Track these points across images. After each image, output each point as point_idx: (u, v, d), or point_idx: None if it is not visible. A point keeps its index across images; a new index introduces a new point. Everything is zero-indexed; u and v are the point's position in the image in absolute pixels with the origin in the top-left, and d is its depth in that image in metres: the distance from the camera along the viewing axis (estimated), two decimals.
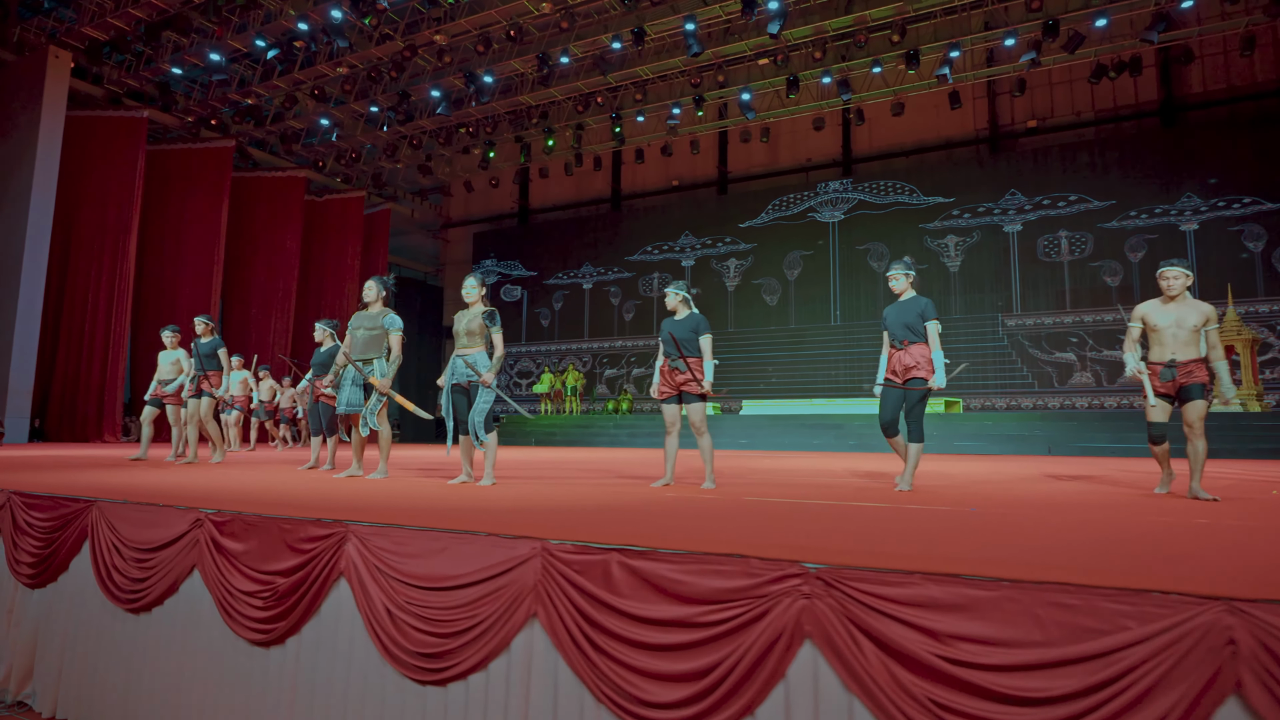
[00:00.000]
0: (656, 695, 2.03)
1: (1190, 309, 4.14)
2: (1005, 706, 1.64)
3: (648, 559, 2.15)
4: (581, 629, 2.18)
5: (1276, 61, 14.81)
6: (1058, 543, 2.40)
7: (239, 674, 2.90)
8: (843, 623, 1.85)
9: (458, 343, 4.80)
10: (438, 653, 2.41)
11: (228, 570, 2.97)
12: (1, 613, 3.76)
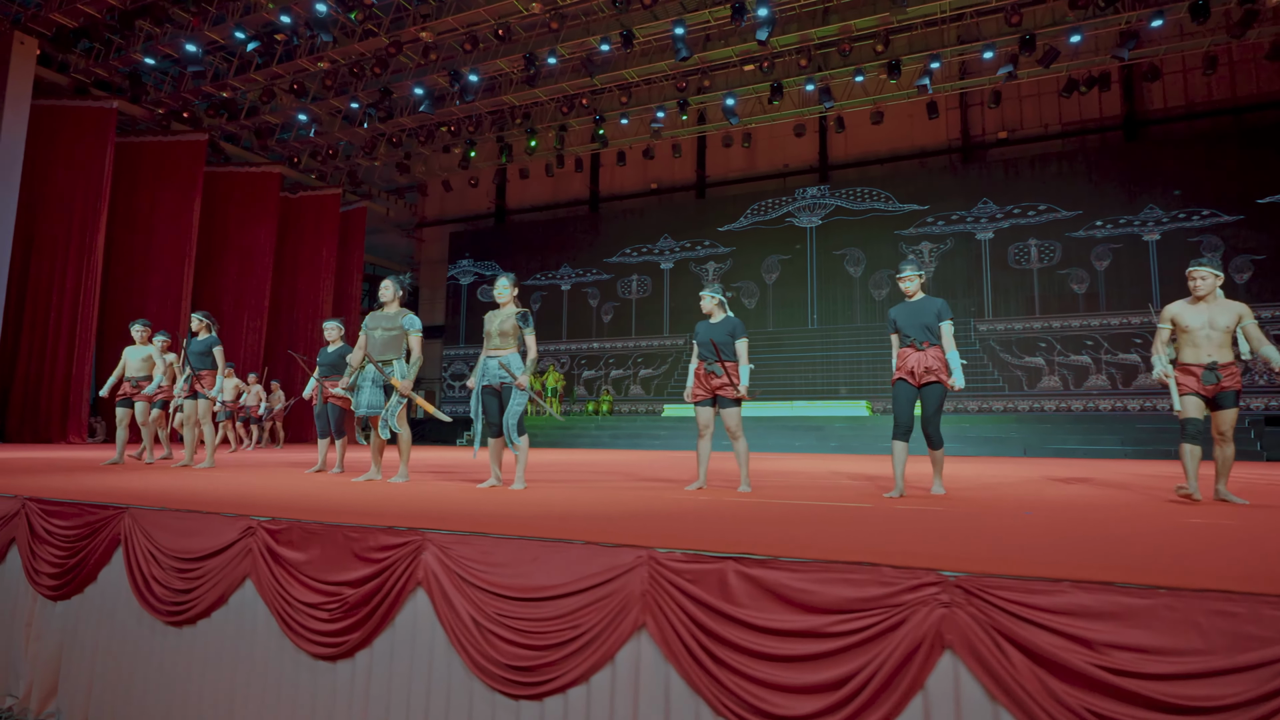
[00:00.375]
0: (786, 708, 1.97)
1: (1222, 309, 4.06)
2: (1171, 715, 1.62)
3: (769, 568, 2.08)
4: (698, 640, 2.10)
5: (1231, 81, 15.42)
6: (1158, 547, 2.41)
7: (300, 689, 2.74)
8: (988, 632, 1.81)
9: (489, 343, 4.67)
10: (533, 666, 2.31)
11: (286, 581, 2.81)
12: (19, 626, 3.52)
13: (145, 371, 6.81)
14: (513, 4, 12.83)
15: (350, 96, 15.81)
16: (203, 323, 6.67)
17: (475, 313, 22.14)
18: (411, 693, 2.53)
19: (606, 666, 2.24)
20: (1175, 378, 4.12)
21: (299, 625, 2.73)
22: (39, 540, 3.51)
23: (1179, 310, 4.20)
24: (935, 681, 1.87)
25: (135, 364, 6.80)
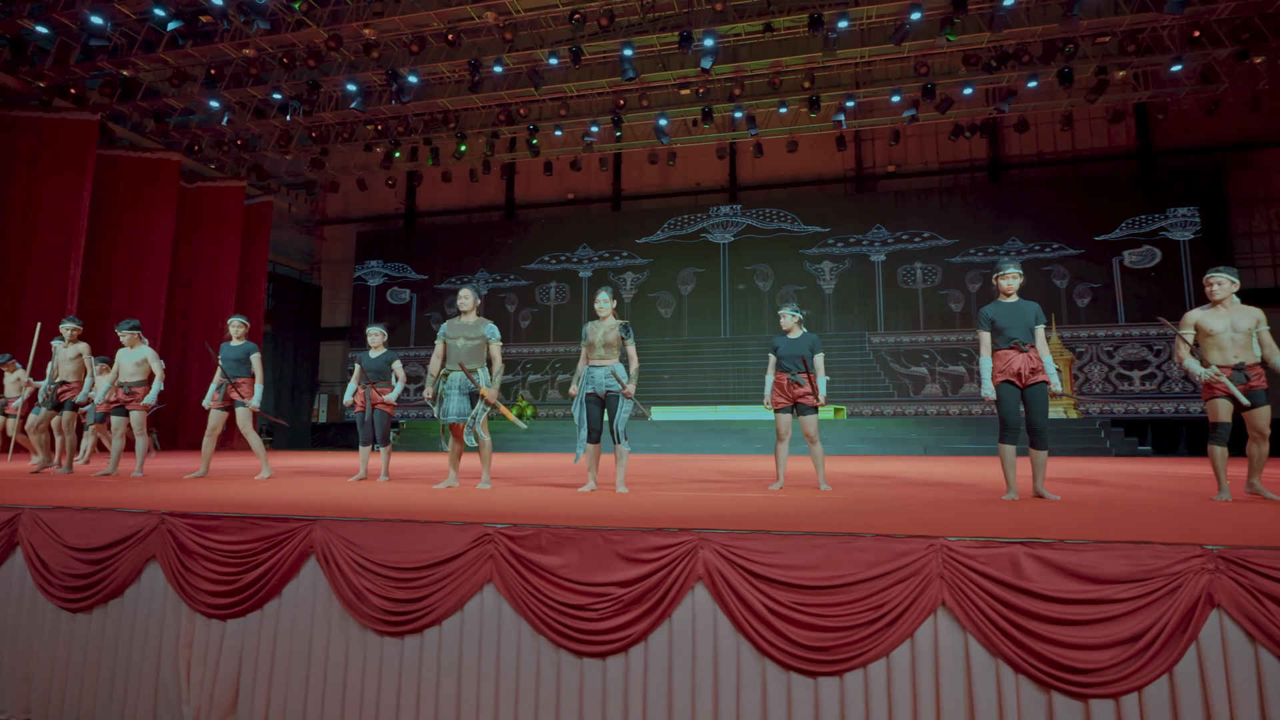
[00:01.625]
0: (1084, 661, 2.38)
1: (1241, 313, 4.15)
2: None
3: (1054, 549, 2.49)
4: (998, 611, 2.46)
5: (1073, 136, 17.93)
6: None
7: (565, 688, 2.81)
8: (1252, 594, 2.31)
9: (593, 354, 4.76)
10: (832, 646, 2.57)
11: (540, 584, 2.85)
12: (172, 648, 3.23)
13: (140, 376, 6.14)
14: (466, 10, 12.58)
15: (272, 86, 14.72)
16: (244, 326, 6.17)
17: (386, 314, 21.17)
18: (697, 680, 2.69)
19: (906, 642, 2.54)
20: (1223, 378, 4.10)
21: (564, 627, 2.80)
22: (193, 556, 3.25)
23: (1201, 316, 4.26)
24: (1206, 632, 2.35)
25: (128, 368, 6.12)
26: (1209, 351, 4.23)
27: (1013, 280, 4.52)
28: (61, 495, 4.17)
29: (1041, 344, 4.38)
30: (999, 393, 4.39)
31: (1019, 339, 4.35)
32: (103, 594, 3.36)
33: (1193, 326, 4.28)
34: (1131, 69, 14.29)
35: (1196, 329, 4.27)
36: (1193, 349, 4.30)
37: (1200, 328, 4.25)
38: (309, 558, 3.16)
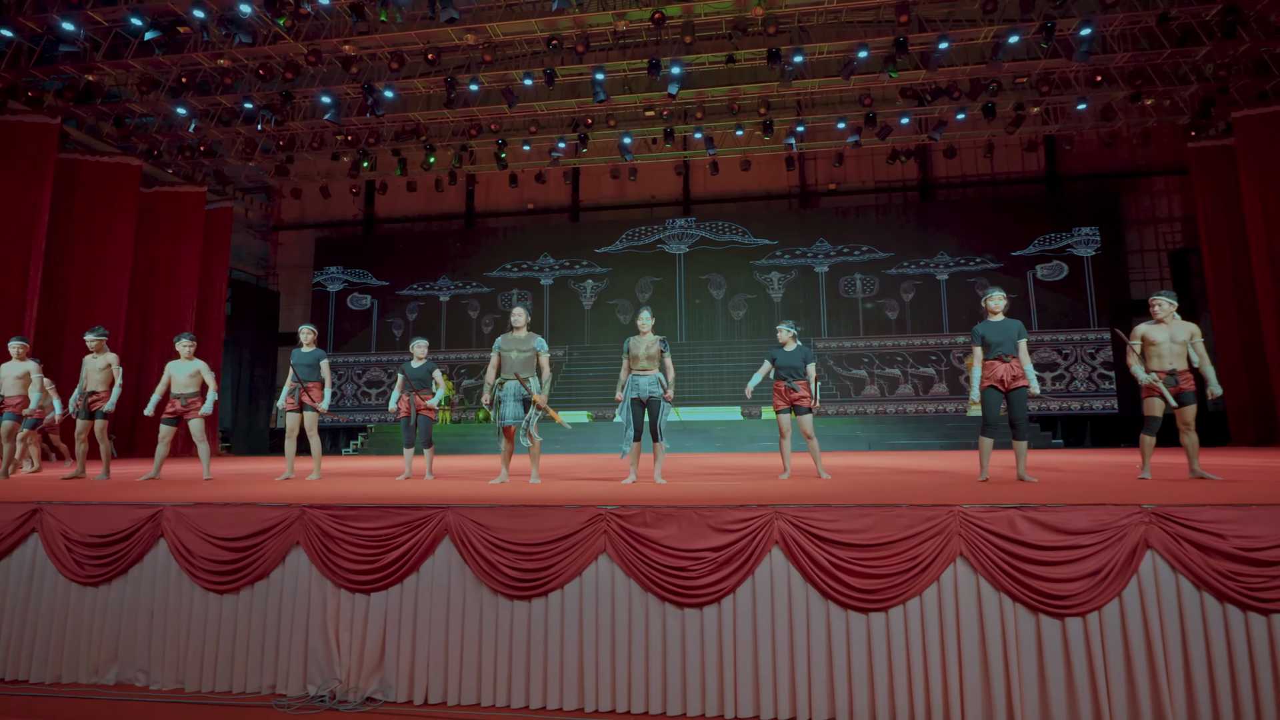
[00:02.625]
0: (1060, 589, 3.27)
1: (1180, 327, 4.86)
2: (1247, 566, 3.15)
3: (1040, 511, 3.38)
4: (1000, 558, 3.33)
5: (992, 161, 19.65)
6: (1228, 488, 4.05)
7: (670, 635, 3.52)
8: (1174, 539, 3.26)
9: (636, 365, 5.47)
10: (878, 589, 3.39)
11: (650, 549, 3.56)
12: (321, 620, 3.76)
13: (193, 388, 6.45)
14: (447, 32, 13.01)
15: (243, 95, 14.71)
16: (313, 334, 6.56)
17: (345, 322, 21.14)
18: (776, 621, 3.46)
19: (933, 585, 3.38)
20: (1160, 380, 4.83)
21: (668, 583, 3.52)
22: (335, 541, 3.80)
23: (1147, 329, 4.98)
24: (1144, 566, 3.27)
25: (182, 380, 6.42)
26: (1150, 359, 5.01)
27: (999, 302, 5.29)
28: (196, 493, 4.59)
29: (1023, 354, 5.14)
30: (984, 396, 5.15)
31: (1005, 352, 5.11)
32: (250, 577, 3.86)
33: (1140, 338, 5.05)
34: (1044, 105, 15.94)
35: (1143, 340, 5.03)
36: (1139, 356, 5.04)
37: (1146, 339, 5.02)
38: (444, 539, 3.77)
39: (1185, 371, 4.93)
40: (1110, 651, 3.21)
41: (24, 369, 7.01)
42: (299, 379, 6.46)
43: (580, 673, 3.54)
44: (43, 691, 3.95)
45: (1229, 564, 3.19)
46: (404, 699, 3.67)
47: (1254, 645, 3.15)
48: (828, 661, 3.39)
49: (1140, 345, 5.05)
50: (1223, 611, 3.20)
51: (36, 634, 4.03)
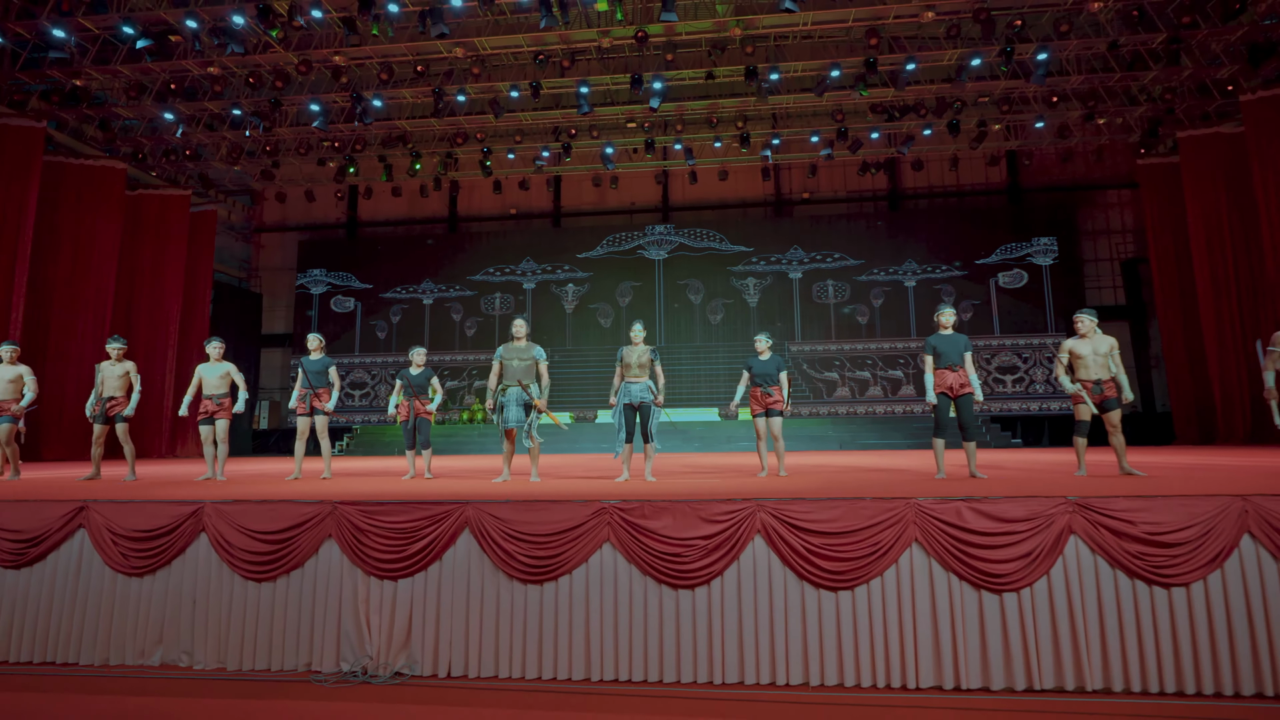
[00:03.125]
0: (998, 569, 3.83)
1: (1101, 340, 5.48)
2: (1150, 547, 3.74)
3: (983, 502, 3.93)
4: (950, 542, 3.88)
5: (958, 174, 20.48)
6: (1148, 483, 4.64)
7: (665, 612, 4.01)
8: (1093, 525, 3.83)
9: (629, 373, 5.95)
10: (846, 571, 3.92)
11: (648, 539, 4.05)
12: (352, 604, 4.18)
13: (224, 389, 6.76)
14: (436, 46, 13.36)
15: (231, 102, 14.90)
16: (320, 343, 6.91)
17: (328, 324, 21.31)
18: (758, 599, 3.97)
19: (892, 566, 3.92)
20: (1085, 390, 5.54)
21: (666, 567, 4.01)
22: (365, 533, 4.23)
23: (1073, 344, 5.64)
24: (1068, 549, 3.84)
25: (213, 381, 6.74)
26: (1078, 370, 5.67)
27: (948, 317, 5.90)
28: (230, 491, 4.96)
29: (969, 366, 5.76)
30: (938, 402, 5.77)
31: (952, 362, 5.75)
32: (286, 567, 4.27)
33: (1067, 351, 5.74)
34: (1005, 123, 16.75)
35: (1069, 353, 5.72)
36: (1066, 368, 5.75)
37: (1072, 353, 5.70)
38: (464, 531, 4.21)
39: (1109, 381, 5.57)
40: (1040, 621, 3.78)
41: (16, 373, 7.22)
42: (310, 384, 6.82)
43: (586, 647, 4.02)
44: (92, 673, 4.31)
45: (1138, 546, 3.78)
46: (429, 673, 4.11)
47: (1156, 615, 3.73)
48: (802, 634, 3.91)
49: (1067, 358, 5.70)
50: (1132, 587, 3.78)
51: (85, 620, 4.39)
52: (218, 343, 6.92)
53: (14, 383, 6.97)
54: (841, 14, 12.81)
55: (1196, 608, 3.70)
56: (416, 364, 7.13)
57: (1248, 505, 3.76)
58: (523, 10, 12.90)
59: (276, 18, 12.06)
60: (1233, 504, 3.77)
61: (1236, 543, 3.73)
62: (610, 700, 3.74)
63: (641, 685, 3.95)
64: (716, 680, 3.92)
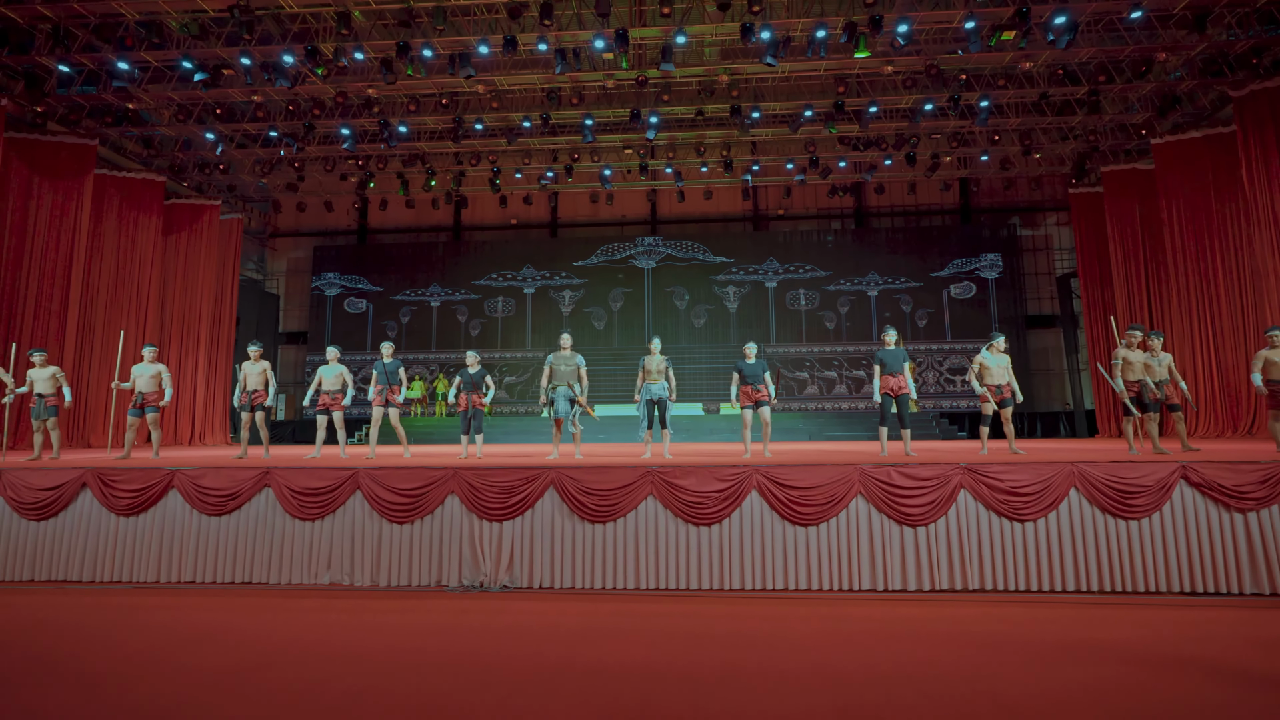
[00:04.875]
0: (912, 510, 5.67)
1: (1004, 355, 7.67)
2: (1015, 497, 5.62)
3: (904, 465, 5.77)
4: (883, 494, 5.71)
5: (915, 196, 22.54)
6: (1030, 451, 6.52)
7: (689, 543, 5.77)
8: (976, 481, 5.69)
9: (649, 377, 7.70)
10: (813, 513, 5.72)
11: (679, 492, 5.81)
12: (469, 539, 5.88)
13: (339, 385, 8.30)
14: (461, 83, 14.93)
15: (269, 124, 16.29)
16: (392, 348, 8.50)
17: (341, 323, 22.69)
18: (754, 533, 5.75)
19: (844, 510, 5.73)
20: (989, 392, 7.66)
21: (693, 510, 5.77)
22: (478, 490, 5.93)
23: (984, 358, 7.75)
24: (961, 498, 5.69)
25: (331, 379, 8.27)
26: (985, 377, 7.73)
27: (891, 337, 7.85)
28: (377, 463, 6.60)
29: (907, 374, 7.73)
30: (882, 400, 7.72)
31: (894, 370, 7.68)
32: (420, 513, 5.95)
33: (978, 363, 7.81)
34: (955, 155, 18.80)
35: (980, 365, 7.80)
36: (977, 375, 7.80)
37: (983, 364, 7.79)
38: (549, 488, 5.93)
39: (1007, 385, 7.60)
40: (938, 545, 5.63)
41: (156, 370, 8.69)
42: (385, 381, 8.43)
43: (636, 566, 5.77)
44: (279, 589, 5.95)
45: (1004, 496, 5.65)
46: (525, 585, 5.83)
47: (1015, 542, 5.60)
48: (784, 554, 5.71)
49: (978, 368, 7.78)
50: (1001, 523, 5.65)
51: (270, 552, 6.02)
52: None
53: (154, 378, 8.41)
54: (814, 65, 14.68)
55: (1040, 536, 5.59)
56: (472, 364, 8.74)
57: (1074, 469, 5.65)
58: (539, 53, 14.52)
59: (322, 58, 13.56)
60: (1065, 469, 5.66)
61: (1066, 493, 5.62)
62: (652, 599, 5.50)
63: (674, 591, 5.72)
64: (725, 587, 5.71)
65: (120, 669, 3.88)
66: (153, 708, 3.30)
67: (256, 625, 4.80)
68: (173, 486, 6.07)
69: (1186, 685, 3.43)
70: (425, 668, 3.89)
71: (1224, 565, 5.45)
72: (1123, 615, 4.90)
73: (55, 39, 12.66)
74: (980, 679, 3.59)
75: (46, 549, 5.99)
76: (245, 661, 4.00)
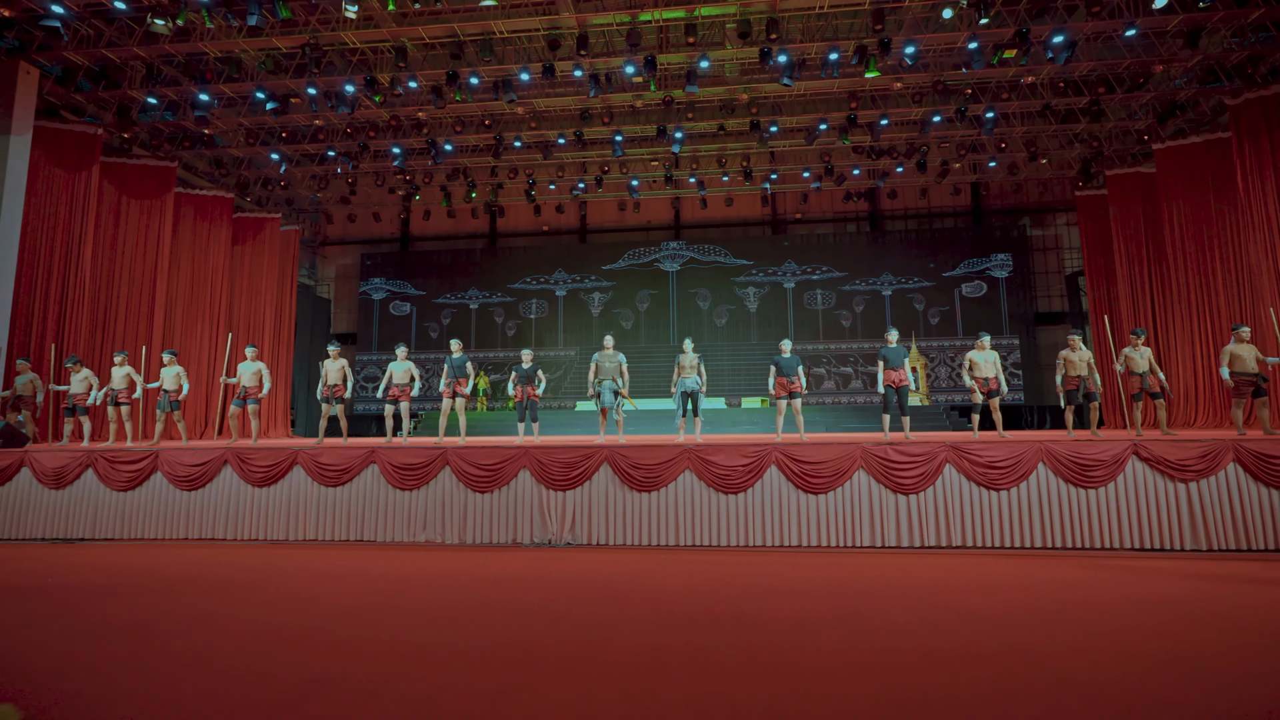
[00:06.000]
0: (906, 481, 6.78)
1: (992, 352, 8.48)
2: (991, 469, 6.71)
3: (899, 443, 6.88)
4: (881, 467, 6.83)
5: (928, 199, 23.43)
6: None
7: (716, 507, 6.94)
8: (960, 456, 6.79)
9: (683, 372, 8.87)
10: (822, 483, 6.86)
11: (711, 466, 6.98)
12: (537, 505, 7.11)
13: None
14: (503, 106, 16.22)
15: (328, 145, 17.72)
16: (460, 345, 9.74)
17: (387, 325, 24.17)
18: (775, 499, 6.91)
19: (848, 481, 6.87)
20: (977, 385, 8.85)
21: (724, 481, 6.94)
22: (545, 465, 7.15)
23: (974, 355, 8.56)
24: (946, 471, 6.80)
25: (400, 374, 9.53)
26: (975, 370, 8.77)
27: (894, 336, 8.87)
28: (466, 443, 7.87)
29: (906, 369, 8.78)
30: (885, 391, 8.79)
31: (895, 365, 8.76)
32: (498, 484, 7.19)
33: (969, 359, 8.87)
34: (965, 161, 19.70)
35: (971, 361, 8.85)
36: (969, 369, 8.86)
37: (973, 361, 8.82)
38: (604, 463, 7.14)
39: (994, 378, 8.65)
40: (927, 510, 6.75)
41: (257, 368, 10.02)
42: (454, 375, 9.67)
43: (676, 526, 6.96)
44: (385, 544, 7.24)
45: (982, 469, 6.74)
46: (585, 542, 7.05)
47: (991, 507, 6.69)
48: (797, 518, 6.87)
49: (969, 364, 8.75)
50: (980, 492, 6.74)
51: (377, 516, 7.31)
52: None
53: (256, 374, 9.73)
54: (828, 83, 15.73)
55: (1012, 502, 6.68)
56: (526, 361, 9.94)
57: (1042, 446, 6.73)
58: (574, 78, 15.75)
59: (379, 86, 14.90)
60: (1034, 446, 6.75)
61: (1035, 467, 6.70)
62: (689, 552, 6.69)
63: (707, 547, 6.90)
64: (749, 543, 6.88)
65: (279, 594, 5.14)
66: (329, 614, 4.54)
67: (380, 566, 6.05)
68: (297, 463, 7.39)
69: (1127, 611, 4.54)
70: (530, 582, 5.12)
71: (1168, 526, 6.50)
72: (1079, 563, 5.97)
73: (149, 74, 14.13)
74: (950, 599, 4.72)
75: (197, 513, 7.34)
76: (384, 588, 5.26)
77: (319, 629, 4.03)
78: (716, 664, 3.27)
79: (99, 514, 7.50)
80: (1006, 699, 2.85)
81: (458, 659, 3.35)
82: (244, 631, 3.98)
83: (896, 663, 3.29)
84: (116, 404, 10.14)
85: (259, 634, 3.93)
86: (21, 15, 12.78)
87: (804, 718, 2.61)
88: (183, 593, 5.07)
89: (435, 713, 2.76)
